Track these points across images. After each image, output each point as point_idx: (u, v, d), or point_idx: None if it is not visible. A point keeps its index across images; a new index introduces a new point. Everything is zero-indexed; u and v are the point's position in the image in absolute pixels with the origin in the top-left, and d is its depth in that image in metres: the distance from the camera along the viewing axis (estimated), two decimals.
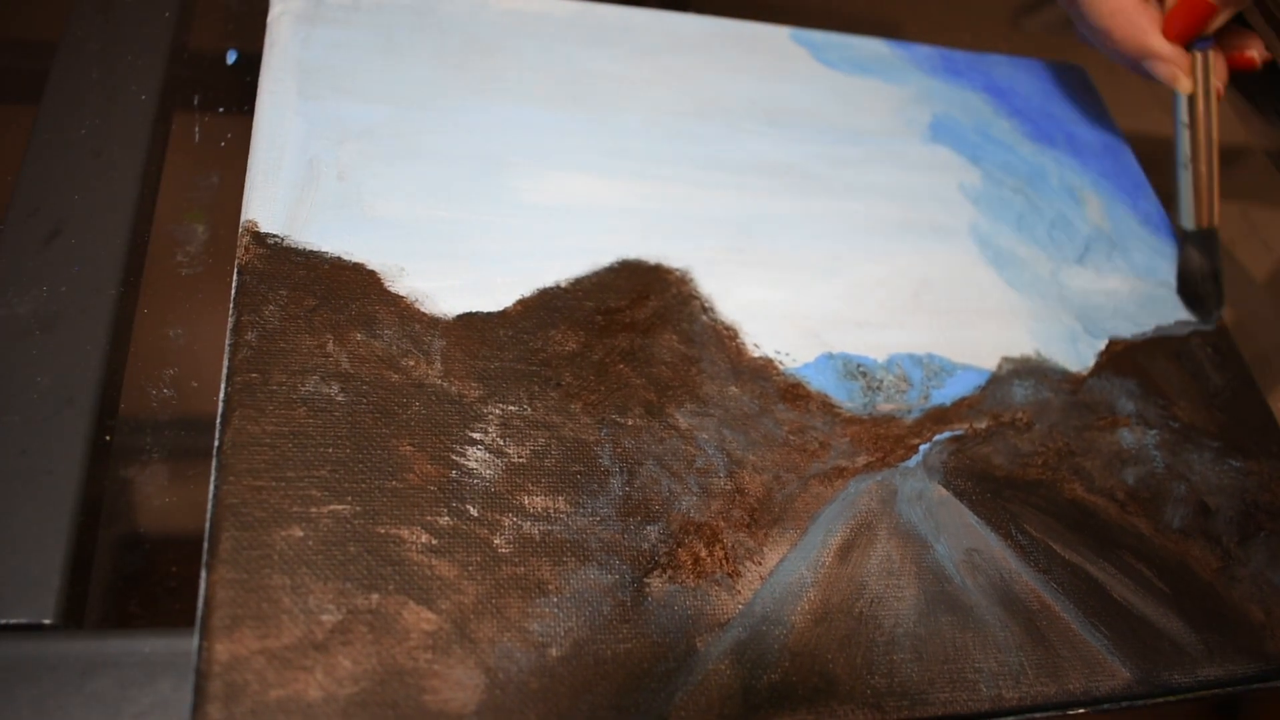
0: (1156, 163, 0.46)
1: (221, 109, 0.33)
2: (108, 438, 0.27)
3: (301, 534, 0.25)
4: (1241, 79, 0.55)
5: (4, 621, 0.24)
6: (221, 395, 0.27)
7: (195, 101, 0.35)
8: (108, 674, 0.24)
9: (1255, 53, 0.41)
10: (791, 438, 0.31)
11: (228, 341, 0.27)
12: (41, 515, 0.25)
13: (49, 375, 0.27)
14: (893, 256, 0.37)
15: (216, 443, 0.26)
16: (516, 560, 0.26)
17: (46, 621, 0.24)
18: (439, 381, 0.28)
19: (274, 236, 0.30)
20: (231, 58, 0.35)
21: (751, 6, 0.45)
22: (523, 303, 0.31)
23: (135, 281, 0.30)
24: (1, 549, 0.24)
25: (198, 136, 0.34)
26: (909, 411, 0.33)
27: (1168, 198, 0.44)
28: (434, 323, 0.29)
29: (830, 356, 0.33)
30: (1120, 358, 0.37)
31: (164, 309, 0.30)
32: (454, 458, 0.27)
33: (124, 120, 0.33)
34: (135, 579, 0.26)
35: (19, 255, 0.29)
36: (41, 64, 0.33)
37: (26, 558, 0.24)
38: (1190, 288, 0.40)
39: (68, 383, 0.27)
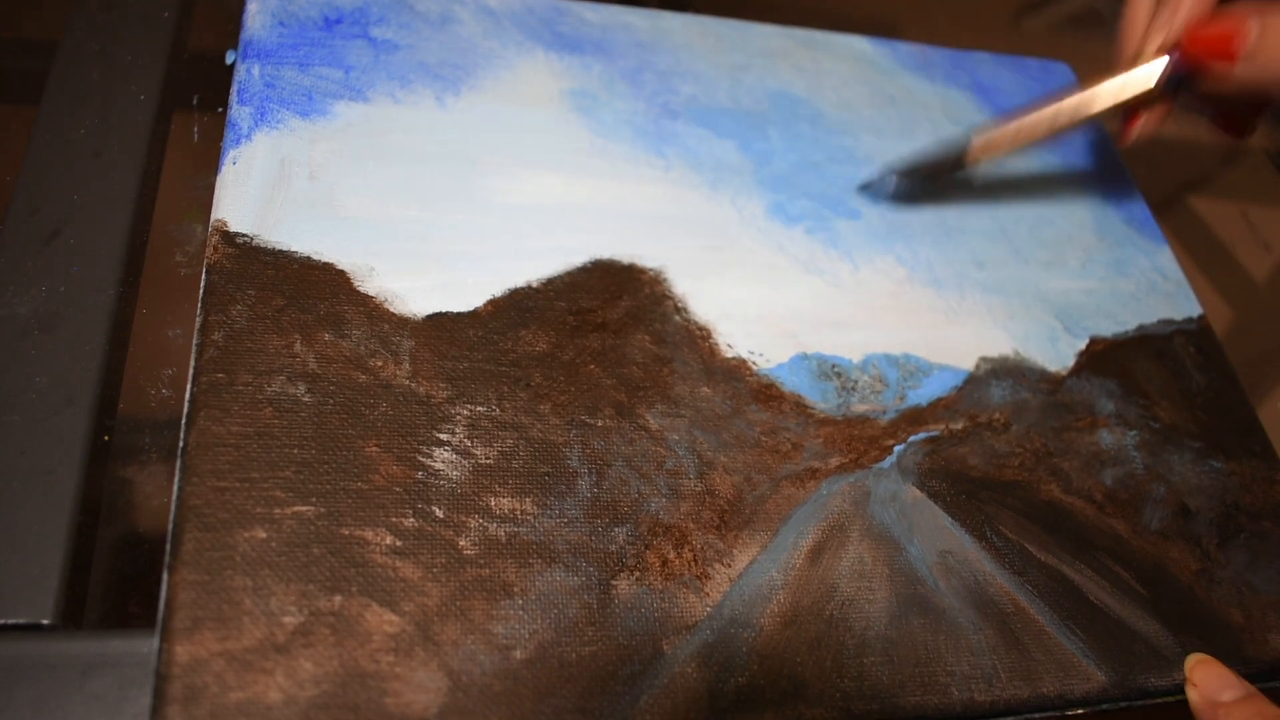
0: (1141, 160, 0.46)
1: (221, 109, 0.33)
2: (106, 438, 0.27)
3: (265, 535, 0.25)
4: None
5: (3, 622, 0.24)
6: (187, 395, 0.27)
7: (195, 101, 0.35)
8: (107, 674, 0.24)
9: (1140, 127, 0.36)
10: (764, 439, 0.31)
11: (195, 341, 0.27)
12: (41, 515, 0.25)
13: (48, 375, 0.27)
14: (870, 256, 0.36)
15: (181, 443, 0.26)
16: (482, 562, 0.26)
17: (45, 622, 0.24)
18: (407, 382, 0.28)
19: (243, 236, 0.29)
20: (231, 58, 0.35)
21: (750, 6, 0.45)
22: (493, 303, 0.31)
23: (134, 281, 0.30)
24: (1, 549, 0.24)
25: (197, 136, 0.34)
26: (884, 412, 0.32)
27: (1153, 196, 0.44)
28: (403, 323, 0.29)
29: (805, 357, 0.33)
30: (1101, 357, 0.37)
31: (163, 309, 0.30)
32: (420, 459, 0.27)
33: (124, 120, 0.33)
34: (134, 579, 0.26)
35: (19, 255, 0.29)
36: (41, 64, 0.33)
37: (26, 558, 0.24)
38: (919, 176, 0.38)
39: (67, 383, 0.27)
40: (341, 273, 0.30)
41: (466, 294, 0.30)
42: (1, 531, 0.25)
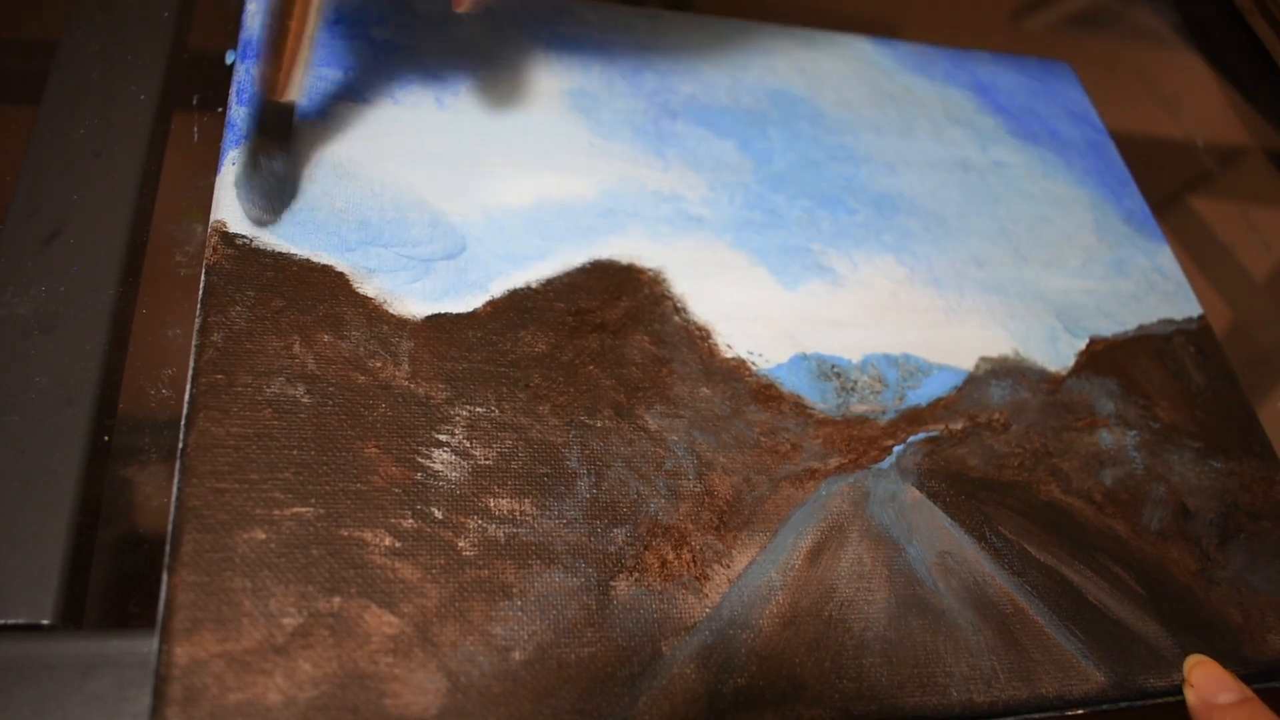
0: (1141, 160, 0.46)
1: (221, 109, 0.33)
2: (106, 438, 0.27)
3: (264, 537, 0.25)
4: (1240, 77, 0.55)
5: (3, 622, 0.24)
6: (186, 396, 0.27)
7: (194, 101, 0.35)
8: (107, 674, 0.24)
9: None
10: (763, 439, 0.31)
11: (194, 342, 0.27)
12: (41, 515, 0.25)
13: (48, 375, 0.27)
14: (869, 255, 0.36)
15: (180, 444, 0.26)
16: (481, 563, 0.26)
17: (45, 622, 0.24)
18: (406, 383, 0.28)
19: (242, 237, 0.29)
20: (231, 58, 0.35)
21: (751, 6, 0.45)
22: (492, 304, 0.31)
23: (134, 282, 0.30)
24: (1, 549, 0.24)
25: (196, 136, 0.34)
26: (883, 413, 0.32)
27: (1152, 195, 0.44)
28: (402, 324, 0.29)
29: (804, 357, 0.33)
30: (1101, 357, 0.37)
31: (163, 309, 0.30)
32: (420, 460, 0.27)
33: (124, 120, 0.33)
34: (134, 579, 0.26)
35: (19, 255, 0.29)
36: (41, 64, 0.33)
37: (26, 558, 0.24)
38: (251, 178, 0.30)
39: (67, 383, 0.27)
40: (340, 274, 0.30)
41: (465, 295, 0.30)
42: (1, 531, 0.25)
